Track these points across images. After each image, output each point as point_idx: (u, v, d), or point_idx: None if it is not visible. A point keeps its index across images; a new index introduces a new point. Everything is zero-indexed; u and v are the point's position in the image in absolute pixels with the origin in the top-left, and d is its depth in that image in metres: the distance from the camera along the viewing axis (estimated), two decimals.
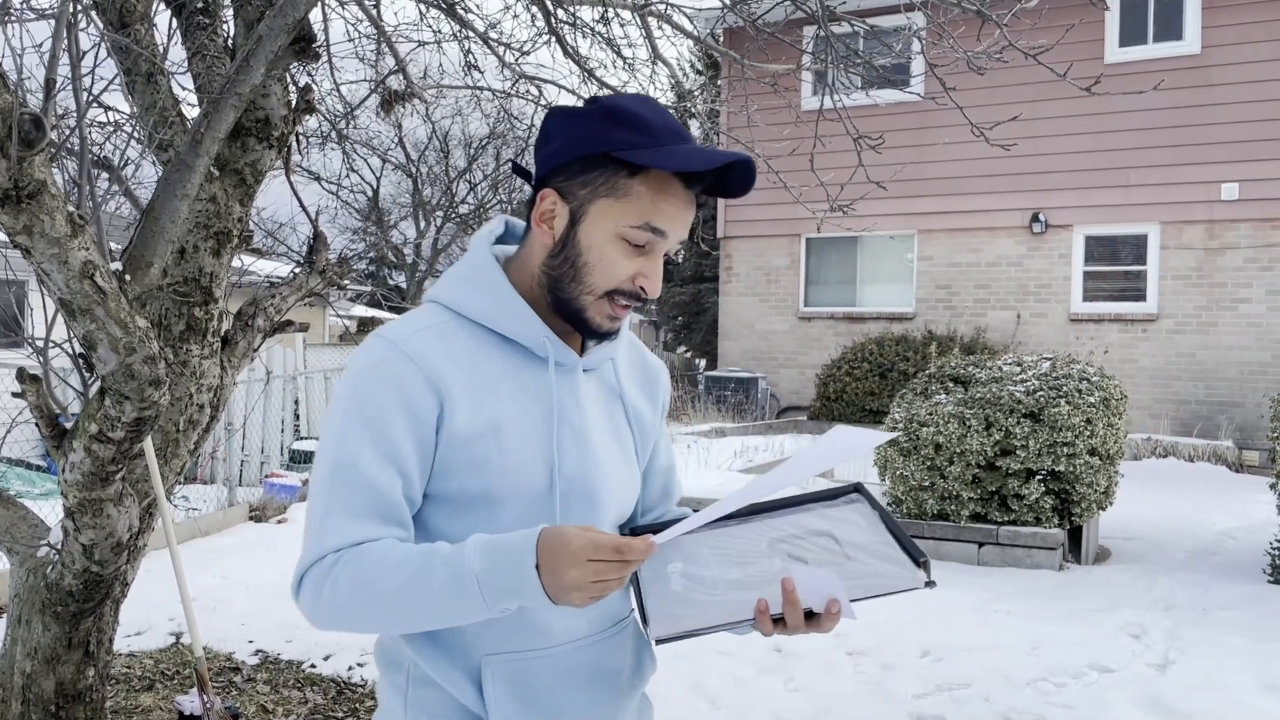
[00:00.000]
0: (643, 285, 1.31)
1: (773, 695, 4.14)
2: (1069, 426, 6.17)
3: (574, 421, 1.36)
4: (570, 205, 1.30)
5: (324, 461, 1.26)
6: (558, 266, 1.32)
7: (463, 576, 1.15)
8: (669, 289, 25.28)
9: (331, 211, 23.53)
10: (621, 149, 1.26)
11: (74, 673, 2.90)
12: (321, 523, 1.24)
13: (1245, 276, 12.05)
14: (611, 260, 1.29)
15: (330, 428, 1.28)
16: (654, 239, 1.29)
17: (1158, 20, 12.39)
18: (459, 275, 1.38)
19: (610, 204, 1.28)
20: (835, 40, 3.86)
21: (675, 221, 1.30)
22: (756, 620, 1.22)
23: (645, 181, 1.28)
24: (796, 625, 1.22)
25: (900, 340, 13.23)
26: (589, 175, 1.29)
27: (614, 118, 1.28)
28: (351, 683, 4.21)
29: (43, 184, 1.94)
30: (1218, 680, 4.21)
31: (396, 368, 1.26)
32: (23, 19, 2.52)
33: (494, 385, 1.30)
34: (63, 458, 2.48)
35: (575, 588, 1.12)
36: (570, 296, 1.31)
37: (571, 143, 1.29)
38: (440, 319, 1.33)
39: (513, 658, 1.31)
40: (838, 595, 1.21)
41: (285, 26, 2.58)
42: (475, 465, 1.27)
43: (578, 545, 1.12)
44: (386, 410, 1.25)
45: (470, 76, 4.80)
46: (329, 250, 3.49)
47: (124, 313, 2.19)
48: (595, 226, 1.29)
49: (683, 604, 1.26)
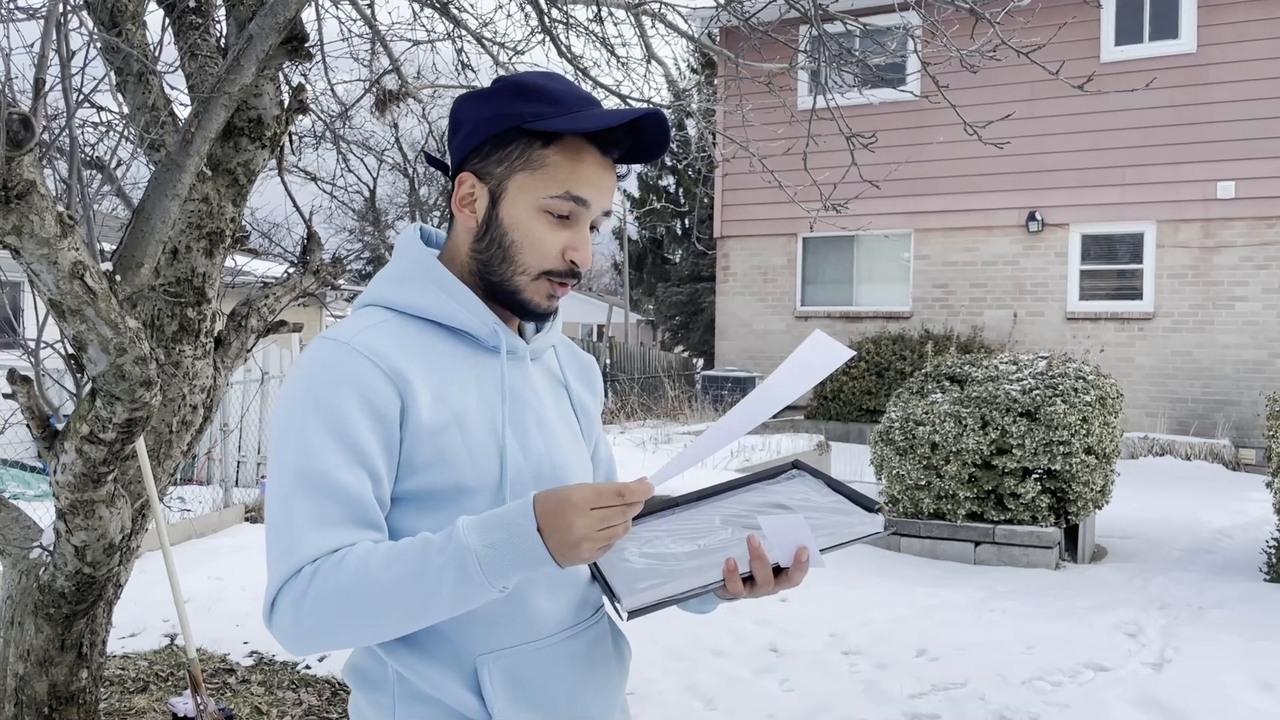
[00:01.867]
0: (573, 258, 1.30)
1: (768, 695, 4.14)
2: (1065, 425, 6.17)
3: (533, 406, 1.35)
4: (489, 185, 1.30)
5: (285, 473, 1.20)
6: (485, 249, 1.31)
7: (462, 558, 1.11)
8: (666, 289, 25.28)
9: (327, 211, 23.54)
10: (532, 120, 1.26)
11: (67, 675, 2.89)
12: (290, 538, 1.17)
13: (1241, 275, 12.06)
14: (538, 236, 1.29)
15: (286, 436, 1.22)
16: (576, 208, 1.29)
17: (1153, 19, 12.40)
18: (397, 275, 1.34)
19: (528, 177, 1.28)
20: (828, 39, 3.86)
21: (596, 189, 1.30)
22: (726, 581, 1.22)
23: (560, 150, 1.27)
24: (766, 581, 1.23)
25: (897, 339, 13.24)
26: (503, 152, 1.28)
27: (521, 92, 1.28)
28: (346, 684, 4.20)
29: (32, 184, 1.93)
30: (1213, 678, 4.21)
31: (353, 366, 1.22)
32: (12, 19, 2.51)
33: (451, 376, 1.28)
34: (54, 459, 2.47)
35: (584, 538, 1.10)
36: (503, 278, 1.31)
37: (482, 124, 1.29)
38: (383, 318, 1.30)
39: (507, 654, 1.28)
40: (806, 543, 1.22)
41: (276, 26, 2.58)
42: (442, 458, 1.24)
43: (580, 497, 1.11)
44: (348, 410, 1.20)
45: (464, 76, 4.79)
46: (323, 250, 3.48)
47: (114, 313, 2.19)
48: (516, 202, 1.29)
49: (648, 577, 1.26)
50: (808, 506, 1.34)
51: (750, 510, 1.35)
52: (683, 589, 1.23)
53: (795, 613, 5.13)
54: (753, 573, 1.23)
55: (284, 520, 1.19)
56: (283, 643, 1.18)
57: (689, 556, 1.28)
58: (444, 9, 3.95)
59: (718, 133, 5.83)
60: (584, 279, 1.50)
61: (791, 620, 5.04)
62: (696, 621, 4.78)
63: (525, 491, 1.30)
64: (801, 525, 1.22)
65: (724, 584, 1.23)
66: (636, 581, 1.26)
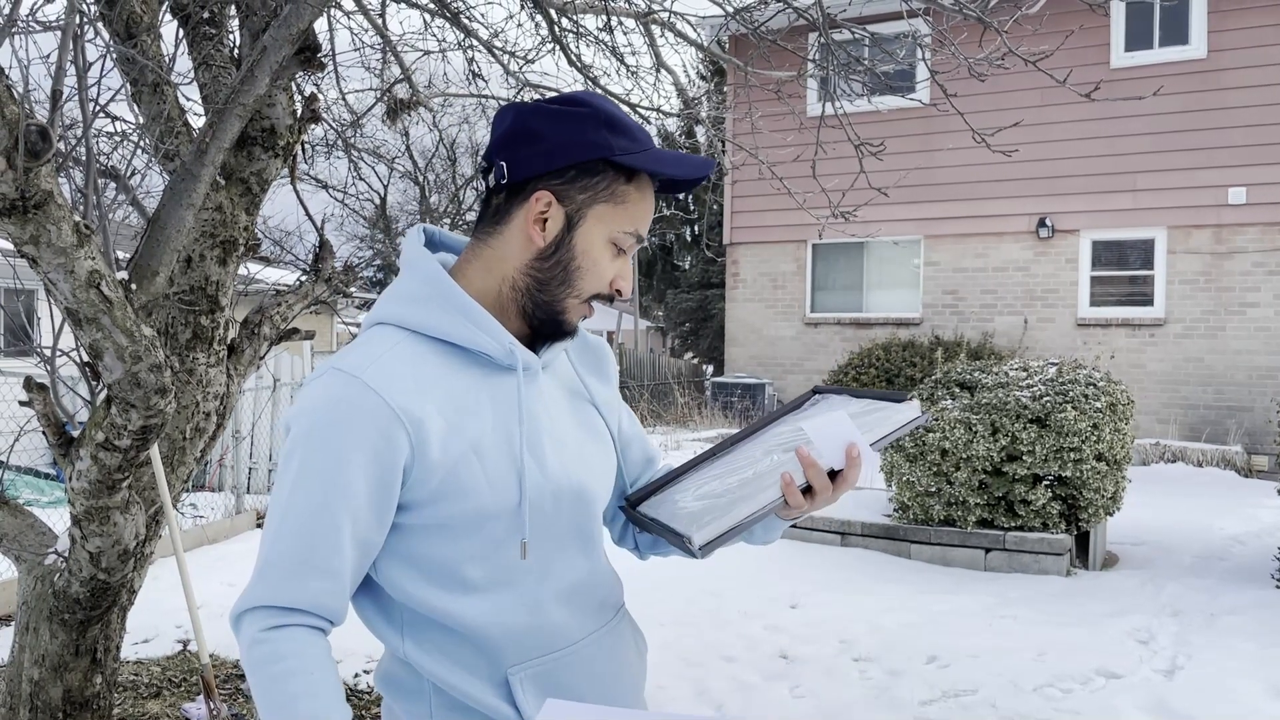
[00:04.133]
0: (620, 287, 1.33)
1: (779, 701, 4.14)
2: (1075, 432, 6.16)
3: (548, 423, 1.35)
4: (566, 209, 1.29)
5: (279, 501, 1.24)
6: (548, 269, 1.30)
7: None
8: (676, 295, 25.28)
9: (339, 219, 23.62)
10: (620, 155, 1.27)
11: (81, 680, 2.91)
12: (266, 568, 1.23)
13: (1253, 280, 12.02)
14: (602, 265, 1.31)
15: (288, 466, 1.23)
16: (636, 244, 1.33)
17: (1164, 25, 12.37)
18: (409, 293, 1.31)
19: (608, 209, 1.29)
20: (836, 47, 3.87)
21: (648, 225, 1.34)
22: (786, 495, 1.25)
23: (637, 187, 1.30)
24: (824, 487, 1.27)
25: (907, 346, 13.22)
26: (589, 180, 1.28)
27: (610, 124, 1.28)
28: (357, 689, 4.21)
29: (49, 194, 1.96)
30: (1225, 686, 4.20)
31: (361, 405, 1.21)
32: (29, 31, 2.54)
33: (467, 402, 1.27)
34: (69, 466, 2.49)
35: None
36: (554, 299, 1.31)
37: (568, 146, 1.27)
38: (396, 340, 1.28)
39: (536, 664, 1.31)
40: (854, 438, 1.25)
41: (289, 37, 2.60)
42: (460, 488, 1.24)
43: None
44: (345, 452, 1.20)
45: (475, 85, 4.81)
46: (335, 258, 3.51)
47: (130, 321, 2.21)
48: (592, 232, 1.29)
49: (709, 513, 1.28)
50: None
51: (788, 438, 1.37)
52: (747, 512, 1.25)
53: (806, 619, 5.13)
54: (809, 482, 1.26)
55: (267, 548, 1.25)
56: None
57: (742, 485, 1.30)
58: (455, 19, 3.98)
59: (727, 140, 5.84)
60: None
61: (802, 627, 5.04)
62: (708, 628, 4.79)
63: (544, 511, 1.30)
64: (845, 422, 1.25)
65: (785, 501, 1.26)
66: (700, 517, 1.28)
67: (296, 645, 1.22)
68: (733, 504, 1.27)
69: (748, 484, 1.29)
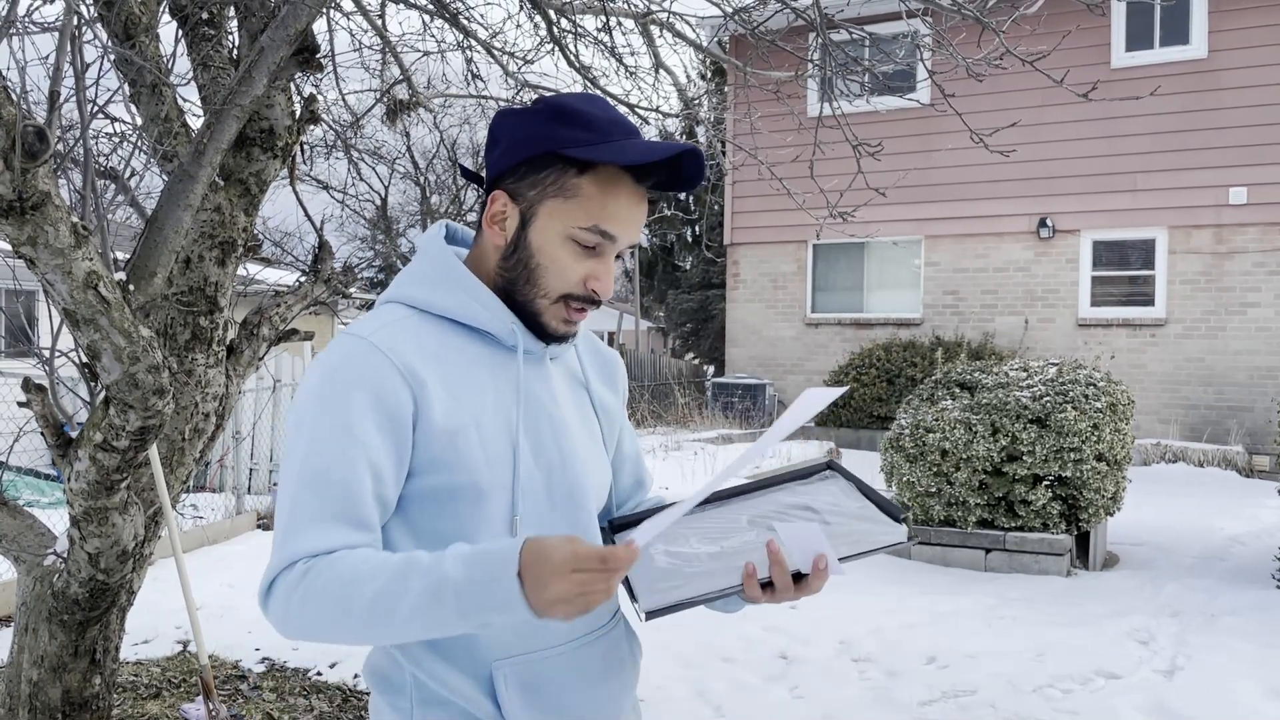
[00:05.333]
0: (594, 288, 1.30)
1: (778, 702, 4.14)
2: (1076, 432, 6.16)
3: (549, 409, 1.35)
4: (520, 207, 1.30)
5: (293, 463, 1.22)
6: (511, 269, 1.31)
7: (441, 588, 1.11)
8: (677, 295, 25.29)
9: (338, 220, 23.64)
10: (568, 146, 1.25)
11: (80, 681, 2.91)
12: (289, 528, 1.19)
13: (1254, 280, 12.02)
14: (563, 263, 1.29)
15: (299, 428, 1.24)
16: (603, 241, 1.29)
17: (1164, 25, 12.37)
18: (421, 274, 1.35)
19: (559, 204, 1.28)
20: (835, 48, 3.87)
21: (624, 224, 1.30)
22: (745, 586, 1.22)
23: (594, 180, 1.27)
24: (785, 587, 1.23)
25: (907, 346, 13.22)
26: (537, 175, 1.28)
27: (560, 116, 1.27)
28: (357, 690, 4.21)
29: (46, 195, 1.96)
30: (1225, 687, 4.20)
31: (368, 361, 1.23)
32: (27, 32, 2.54)
33: (468, 377, 1.29)
34: (68, 467, 2.49)
35: (560, 600, 1.07)
36: (525, 299, 1.32)
37: (519, 144, 1.29)
38: (405, 314, 1.32)
39: (523, 660, 1.29)
40: (824, 550, 1.22)
41: (287, 38, 2.61)
42: (458, 459, 1.25)
43: (560, 557, 1.07)
44: (358, 407, 1.21)
45: (474, 85, 4.82)
46: (334, 259, 3.51)
47: (127, 322, 2.21)
48: (545, 228, 1.29)
49: (668, 578, 1.26)
50: (835, 511, 1.35)
51: (779, 511, 1.36)
52: (701, 591, 1.24)
53: (805, 620, 5.13)
54: (771, 578, 1.23)
55: (287, 509, 1.21)
56: (273, 625, 1.21)
57: (711, 558, 1.28)
58: (454, 20, 3.98)
59: (727, 141, 5.84)
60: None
61: (801, 627, 5.04)
62: (707, 628, 4.79)
63: (537, 497, 1.31)
64: (818, 533, 1.22)
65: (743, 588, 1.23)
66: (657, 581, 1.26)
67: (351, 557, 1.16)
68: (694, 576, 1.25)
69: (716, 558, 1.27)
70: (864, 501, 1.36)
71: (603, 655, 1.38)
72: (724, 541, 1.31)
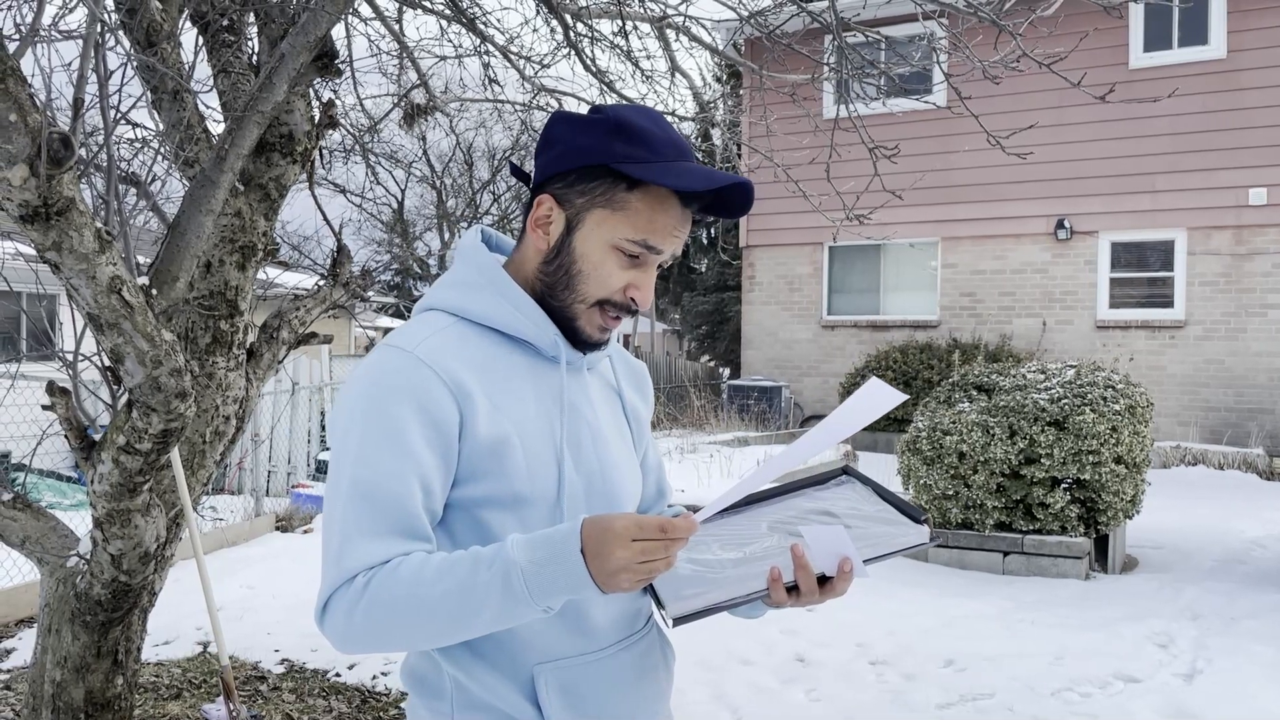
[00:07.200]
0: (634, 296, 1.31)
1: (795, 705, 4.14)
2: (1094, 434, 6.13)
3: (589, 418, 1.37)
4: (566, 213, 1.31)
5: (341, 479, 1.23)
6: (552, 273, 1.32)
7: (509, 574, 1.13)
8: (692, 298, 25.28)
9: (356, 224, 23.76)
10: (622, 162, 1.26)
11: (103, 681, 2.94)
12: (343, 544, 1.20)
13: (1274, 282, 11.92)
14: (606, 271, 1.30)
15: (345, 442, 1.24)
16: (647, 254, 1.30)
17: (1183, 25, 12.30)
18: (463, 281, 1.36)
19: (606, 215, 1.29)
20: (850, 50, 3.88)
21: (669, 238, 1.30)
22: (770, 590, 1.24)
23: (643, 196, 1.28)
24: (810, 590, 1.24)
25: (924, 348, 13.17)
26: (587, 185, 1.29)
27: (619, 130, 1.28)
28: (376, 691, 4.24)
29: (71, 201, 1.98)
30: (1245, 691, 4.17)
31: (414, 375, 1.24)
32: (51, 40, 2.58)
33: (510, 387, 1.30)
34: (91, 469, 2.52)
35: (623, 569, 1.10)
36: (562, 304, 1.32)
37: (573, 151, 1.29)
38: (446, 323, 1.32)
39: (564, 664, 1.30)
40: (848, 553, 1.23)
41: (307, 44, 2.63)
42: (501, 469, 1.26)
43: (621, 526, 1.10)
44: (405, 421, 1.22)
45: (491, 90, 4.84)
46: (352, 263, 3.54)
47: (150, 326, 2.23)
48: (590, 236, 1.30)
49: (693, 584, 1.27)
50: (855, 515, 1.36)
51: (798, 516, 1.37)
52: (727, 596, 1.25)
53: (823, 623, 5.13)
54: (797, 582, 1.24)
55: (339, 525, 1.21)
56: (333, 643, 1.22)
57: (734, 564, 1.29)
58: (471, 24, 4.00)
59: (742, 143, 5.85)
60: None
61: (819, 630, 5.03)
62: (725, 632, 4.79)
63: (578, 505, 1.32)
64: (843, 536, 1.23)
65: (769, 592, 1.24)
66: (682, 588, 1.27)
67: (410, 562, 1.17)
68: (718, 583, 1.26)
69: (739, 564, 1.29)
70: (882, 504, 1.38)
71: (639, 659, 1.39)
72: (746, 547, 1.32)
